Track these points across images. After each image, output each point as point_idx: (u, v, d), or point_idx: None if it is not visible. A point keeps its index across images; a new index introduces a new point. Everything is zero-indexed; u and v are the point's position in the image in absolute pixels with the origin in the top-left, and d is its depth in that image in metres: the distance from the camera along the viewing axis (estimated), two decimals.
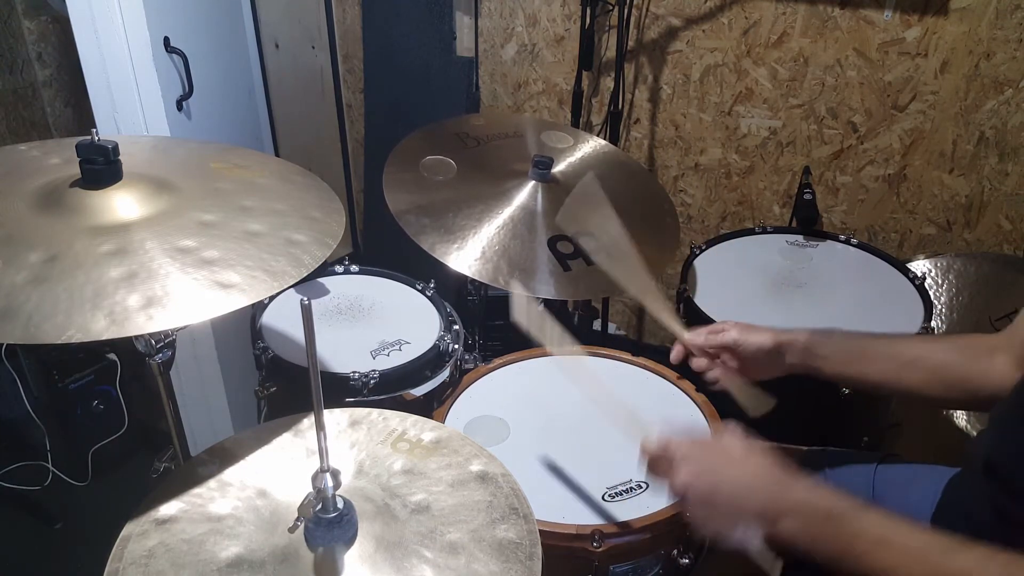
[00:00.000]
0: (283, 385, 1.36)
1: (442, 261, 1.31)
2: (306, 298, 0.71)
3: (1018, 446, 0.90)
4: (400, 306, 1.53)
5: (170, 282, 0.85)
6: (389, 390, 1.32)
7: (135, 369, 2.10)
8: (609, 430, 1.23)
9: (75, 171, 0.97)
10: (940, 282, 1.85)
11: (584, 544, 1.01)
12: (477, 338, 1.63)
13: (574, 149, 1.67)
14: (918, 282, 1.57)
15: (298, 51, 2.42)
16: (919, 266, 1.86)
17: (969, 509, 0.99)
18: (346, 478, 0.88)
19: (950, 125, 1.86)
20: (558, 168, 1.55)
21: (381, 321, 1.48)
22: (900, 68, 1.86)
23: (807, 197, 1.83)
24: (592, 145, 1.70)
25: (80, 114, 2.27)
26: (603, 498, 1.09)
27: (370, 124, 2.64)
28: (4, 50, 2.08)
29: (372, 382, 1.29)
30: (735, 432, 0.91)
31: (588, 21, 2.03)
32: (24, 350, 1.98)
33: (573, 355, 1.12)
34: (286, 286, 0.90)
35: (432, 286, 1.55)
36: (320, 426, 0.75)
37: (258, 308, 1.47)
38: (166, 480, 0.88)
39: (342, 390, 1.29)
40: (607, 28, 2.12)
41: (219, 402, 1.91)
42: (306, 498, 0.77)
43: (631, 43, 2.11)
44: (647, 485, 1.11)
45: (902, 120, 1.91)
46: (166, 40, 1.63)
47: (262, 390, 1.36)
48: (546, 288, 1.34)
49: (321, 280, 1.58)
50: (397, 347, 1.40)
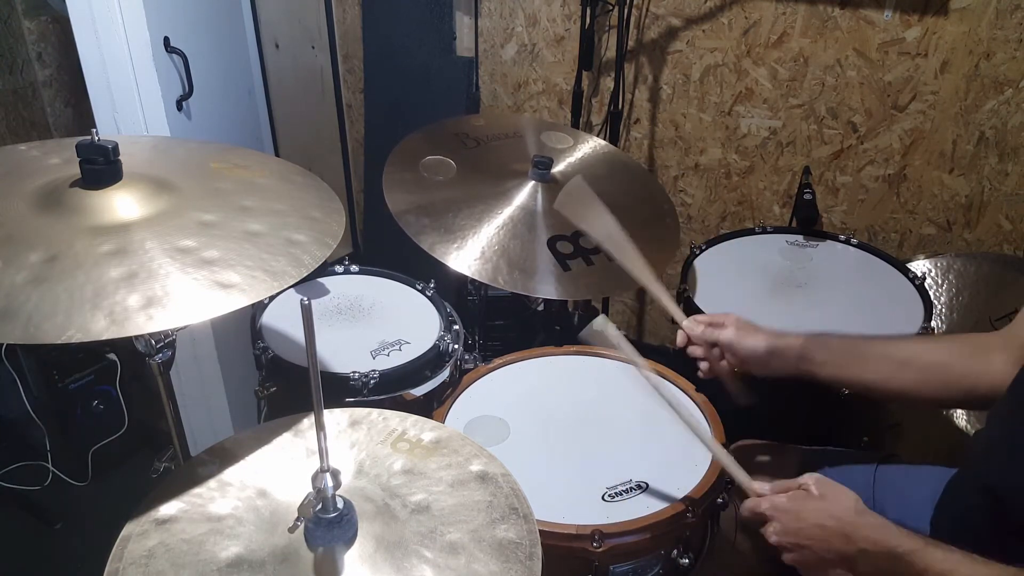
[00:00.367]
0: (283, 385, 1.35)
1: (442, 261, 1.31)
2: (306, 298, 0.71)
3: (1013, 447, 0.90)
4: (400, 306, 1.53)
5: (170, 282, 0.85)
6: (389, 390, 1.32)
7: (135, 369, 2.10)
8: (609, 430, 1.24)
9: (75, 171, 0.97)
10: (940, 282, 1.85)
11: (584, 544, 1.01)
12: (477, 338, 1.63)
13: (574, 149, 1.67)
14: (918, 282, 1.57)
15: (298, 51, 2.42)
16: (919, 266, 1.86)
17: (967, 509, 0.99)
18: (346, 478, 0.88)
19: (950, 125, 1.86)
20: (558, 168, 1.55)
21: (381, 321, 1.48)
22: (900, 68, 1.86)
23: (807, 197, 1.83)
24: (592, 145, 1.70)
25: (80, 114, 2.27)
26: (603, 498, 1.09)
27: (370, 124, 2.64)
28: (4, 50, 2.08)
29: (372, 382, 1.29)
30: (818, 480, 0.94)
31: (588, 21, 2.03)
32: (24, 350, 1.98)
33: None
34: (286, 286, 0.90)
35: (432, 286, 1.55)
36: (320, 426, 0.75)
37: (258, 308, 1.47)
38: (166, 480, 0.88)
39: (342, 390, 1.29)
40: (607, 28, 2.12)
41: (219, 402, 1.91)
42: (306, 498, 0.77)
43: (631, 43, 2.11)
44: (647, 485, 1.11)
45: (902, 120, 1.91)
46: (166, 40, 1.63)
47: (262, 390, 1.36)
48: (546, 288, 1.34)
49: (321, 280, 1.58)
50: (397, 347, 1.40)
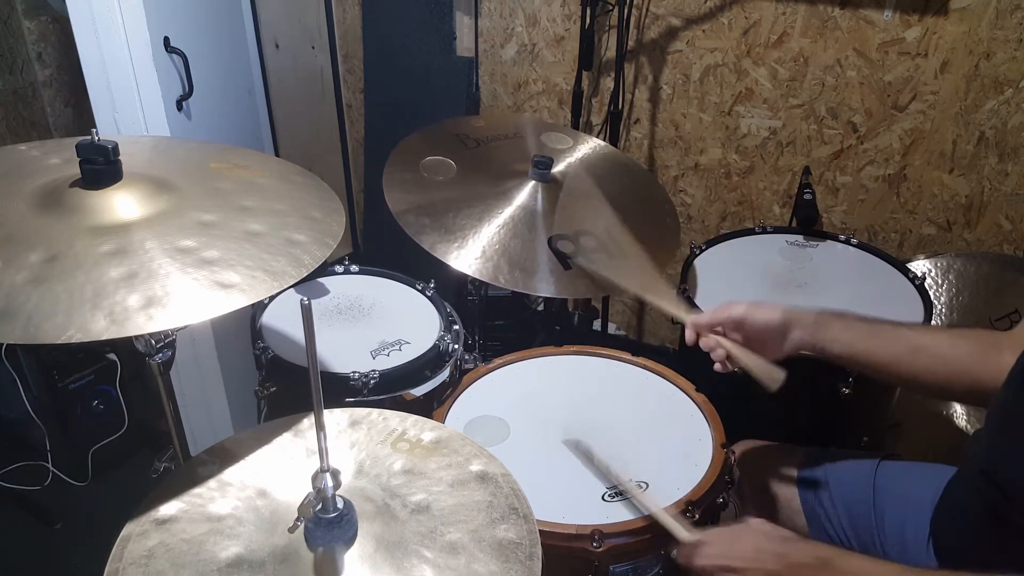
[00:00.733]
0: (283, 385, 1.35)
1: (442, 261, 1.31)
2: (306, 298, 0.71)
3: (1011, 447, 0.90)
4: (400, 306, 1.53)
5: (170, 282, 0.85)
6: (389, 390, 1.32)
7: (135, 369, 2.10)
8: (609, 430, 1.23)
9: (75, 171, 0.97)
10: (940, 282, 1.85)
11: (584, 544, 1.01)
12: (477, 338, 1.63)
13: (574, 150, 1.67)
14: (918, 282, 1.57)
15: (298, 51, 2.42)
16: (919, 266, 1.86)
17: (967, 509, 1.00)
18: (346, 478, 0.88)
19: (950, 125, 1.86)
20: (558, 168, 1.55)
21: (381, 321, 1.48)
22: (900, 68, 1.86)
23: (807, 197, 1.83)
24: (592, 145, 1.70)
25: (80, 114, 2.27)
26: (603, 498, 1.09)
27: (370, 124, 2.64)
28: (4, 50, 2.08)
29: (372, 382, 1.29)
30: (754, 521, 0.98)
31: (588, 21, 2.03)
32: (24, 350, 1.98)
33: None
34: (286, 286, 0.90)
35: (432, 286, 1.55)
36: (320, 426, 0.75)
37: (258, 308, 1.47)
38: (166, 480, 0.88)
39: (342, 390, 1.29)
40: (607, 28, 2.12)
41: (219, 402, 1.91)
42: (306, 498, 0.77)
43: (631, 43, 2.11)
44: (647, 485, 1.11)
45: (902, 120, 1.91)
46: (166, 40, 1.63)
47: (262, 390, 1.36)
48: (546, 287, 1.34)
49: (321, 280, 1.58)
50: (397, 347, 1.40)
